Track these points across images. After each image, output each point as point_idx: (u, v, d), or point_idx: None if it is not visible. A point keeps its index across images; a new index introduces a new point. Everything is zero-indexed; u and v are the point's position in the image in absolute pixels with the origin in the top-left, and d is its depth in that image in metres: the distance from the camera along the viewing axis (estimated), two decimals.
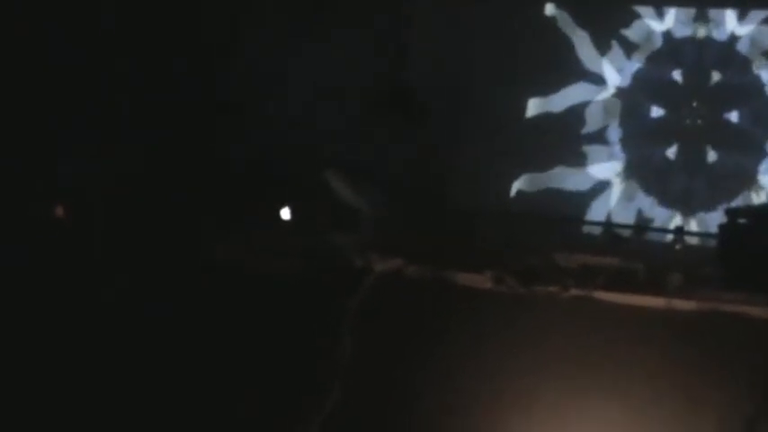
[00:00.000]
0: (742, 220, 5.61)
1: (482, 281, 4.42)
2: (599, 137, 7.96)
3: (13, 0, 6.53)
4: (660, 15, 7.91)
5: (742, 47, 7.76)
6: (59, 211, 5.22)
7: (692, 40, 7.84)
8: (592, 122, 7.97)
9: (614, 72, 7.95)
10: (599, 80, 7.97)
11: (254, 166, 7.09)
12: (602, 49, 7.95)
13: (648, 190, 7.85)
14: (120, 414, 4.59)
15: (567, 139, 7.96)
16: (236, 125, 7.73)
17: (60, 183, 5.92)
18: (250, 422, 4.48)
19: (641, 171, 7.88)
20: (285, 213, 5.18)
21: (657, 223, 7.75)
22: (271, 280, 4.60)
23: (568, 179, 7.95)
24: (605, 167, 7.94)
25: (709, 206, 7.62)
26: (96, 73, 6.88)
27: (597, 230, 7.87)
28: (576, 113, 7.97)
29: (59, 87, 6.64)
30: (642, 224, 7.79)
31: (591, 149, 7.95)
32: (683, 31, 7.85)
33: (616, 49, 7.92)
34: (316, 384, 4.42)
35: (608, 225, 7.83)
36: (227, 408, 4.53)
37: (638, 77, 7.92)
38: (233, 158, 7.36)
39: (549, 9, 8.08)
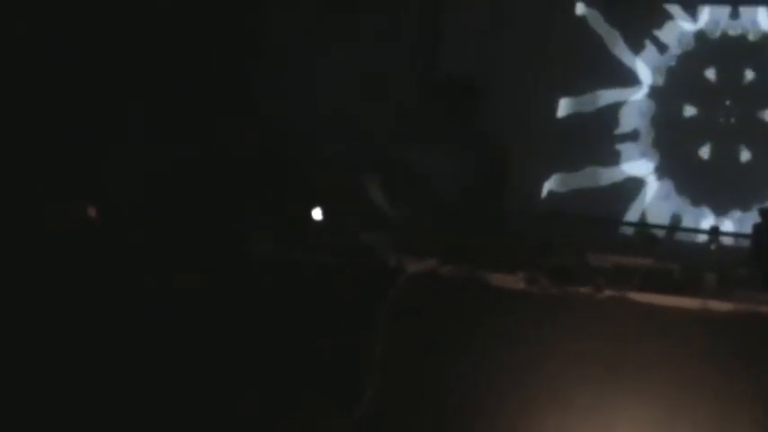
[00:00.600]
0: None
1: (515, 281, 4.39)
2: (632, 136, 7.93)
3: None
4: (693, 15, 7.86)
5: None
6: (92, 211, 5.23)
7: (725, 39, 7.79)
8: (625, 122, 7.94)
9: (648, 71, 7.91)
10: (632, 79, 7.94)
11: (286, 165, 7.10)
12: (635, 48, 7.91)
13: (682, 189, 7.81)
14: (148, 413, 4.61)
15: (600, 138, 7.94)
16: (262, 124, 7.75)
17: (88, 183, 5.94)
18: (281, 420, 4.48)
19: (675, 170, 7.85)
20: (317, 213, 5.17)
21: (691, 223, 7.72)
22: (303, 279, 4.60)
23: (601, 179, 7.92)
24: (638, 167, 7.91)
25: (743, 206, 7.58)
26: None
27: (631, 230, 7.85)
28: (609, 113, 7.94)
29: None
30: (676, 224, 7.76)
31: (624, 149, 7.93)
32: (716, 30, 7.80)
33: (649, 49, 7.88)
34: (349, 384, 4.41)
35: (642, 225, 7.80)
36: (257, 404, 4.54)
37: (671, 77, 7.88)
38: (264, 158, 7.37)
39: (580, 8, 8.05)
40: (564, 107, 8.04)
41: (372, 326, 4.33)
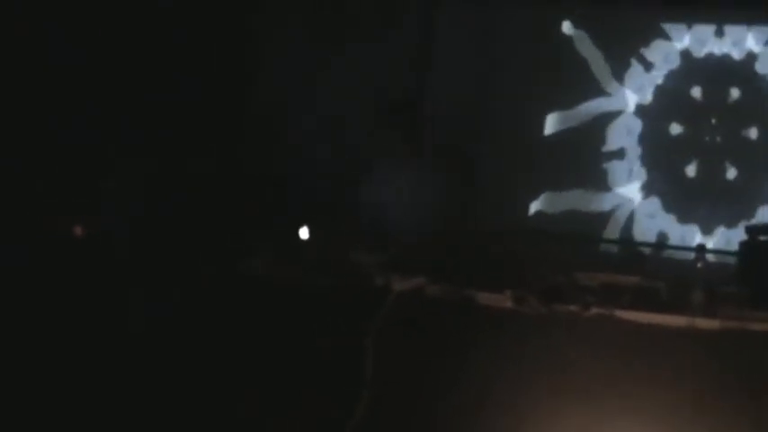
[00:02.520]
0: (763, 237, 5.58)
1: (503, 300, 4.40)
2: (619, 154, 7.94)
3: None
4: (679, 33, 7.89)
5: (760, 63, 7.73)
6: (78, 230, 5.23)
7: (710, 58, 7.83)
8: (611, 140, 7.96)
9: (634, 90, 7.93)
10: (618, 98, 7.96)
11: (279, 182, 7.09)
12: (622, 67, 7.94)
13: (668, 207, 7.83)
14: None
15: (586, 157, 7.95)
16: (259, 140, 7.74)
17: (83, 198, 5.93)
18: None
19: (661, 189, 7.86)
20: (304, 233, 5.17)
21: (678, 241, 7.73)
22: (291, 298, 4.60)
23: (588, 198, 7.94)
24: (625, 185, 7.92)
25: (729, 223, 7.60)
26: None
27: (618, 249, 7.85)
28: (595, 131, 7.96)
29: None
30: (663, 242, 7.77)
31: (611, 167, 7.94)
32: (701, 49, 7.84)
33: (635, 67, 7.91)
34: (338, 403, 4.40)
35: (629, 243, 7.81)
36: (250, 424, 4.53)
37: (657, 95, 7.90)
38: (258, 174, 7.36)
39: (567, 27, 8.07)
40: (550, 125, 8.06)
41: (361, 344, 4.33)
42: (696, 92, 7.85)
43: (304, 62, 7.92)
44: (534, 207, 7.99)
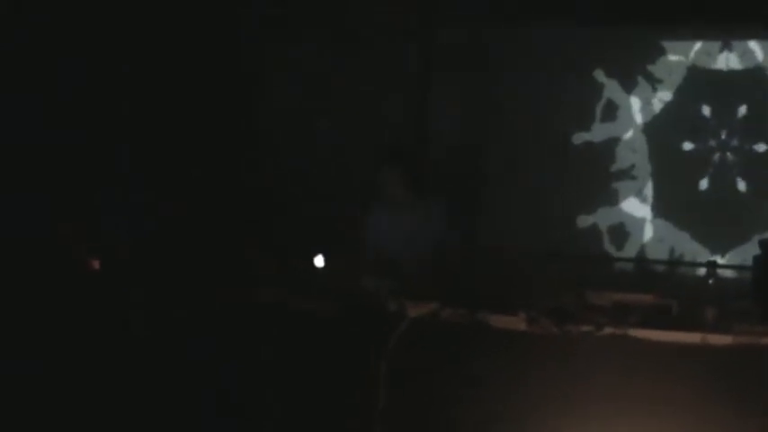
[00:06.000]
0: None
1: (516, 322, 4.42)
2: (629, 173, 7.96)
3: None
4: (685, 48, 7.92)
5: None
6: (95, 264, 5.27)
7: (718, 73, 7.84)
8: (622, 159, 7.98)
9: (642, 107, 7.96)
10: (627, 116, 7.99)
11: (292, 208, 7.13)
12: (629, 84, 7.97)
13: (680, 224, 7.84)
14: None
15: (597, 176, 7.98)
16: (270, 165, 7.78)
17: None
18: None
19: (673, 205, 7.87)
20: (319, 260, 5.21)
21: (690, 257, 7.73)
22: (304, 324, 4.62)
23: (599, 216, 7.96)
24: (636, 203, 7.94)
25: (742, 238, 7.60)
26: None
27: (630, 267, 7.87)
28: (605, 150, 7.99)
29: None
30: (675, 259, 7.77)
31: (621, 186, 7.96)
32: (709, 65, 7.86)
33: (643, 85, 7.94)
34: (352, 429, 4.42)
35: (640, 261, 7.82)
36: None
37: (666, 112, 7.93)
38: (271, 199, 7.40)
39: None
40: (557, 146, 8.09)
41: (375, 370, 4.35)
42: (705, 107, 7.87)
43: (308, 78, 7.97)
44: (549, 228, 8.01)
